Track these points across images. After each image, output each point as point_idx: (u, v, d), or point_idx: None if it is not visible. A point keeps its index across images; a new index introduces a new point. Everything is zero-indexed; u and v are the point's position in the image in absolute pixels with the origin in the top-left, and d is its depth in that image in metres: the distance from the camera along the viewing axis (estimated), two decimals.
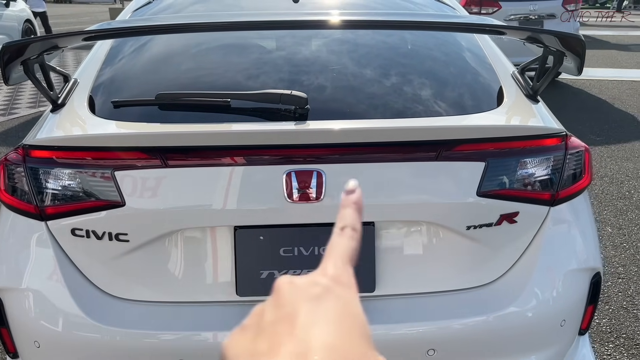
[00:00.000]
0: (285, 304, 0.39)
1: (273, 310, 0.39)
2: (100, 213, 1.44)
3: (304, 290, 0.40)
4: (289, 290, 0.40)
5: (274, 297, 0.41)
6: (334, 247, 0.45)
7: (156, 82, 1.67)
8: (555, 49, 1.52)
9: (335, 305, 0.39)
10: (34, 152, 1.48)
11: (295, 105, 1.48)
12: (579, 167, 1.60)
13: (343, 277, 0.42)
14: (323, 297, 0.39)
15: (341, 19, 1.54)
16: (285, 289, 0.40)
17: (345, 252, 0.44)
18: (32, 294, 1.49)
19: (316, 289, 0.40)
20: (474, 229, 1.49)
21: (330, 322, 0.37)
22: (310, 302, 0.39)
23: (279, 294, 0.40)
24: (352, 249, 0.45)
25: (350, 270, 0.43)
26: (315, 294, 0.39)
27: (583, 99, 7.16)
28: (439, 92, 1.66)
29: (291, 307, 0.39)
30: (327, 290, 0.40)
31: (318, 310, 0.38)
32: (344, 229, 0.45)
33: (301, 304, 0.39)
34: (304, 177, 1.42)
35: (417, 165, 1.46)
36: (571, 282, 1.58)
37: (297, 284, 0.41)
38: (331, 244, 0.45)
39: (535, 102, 1.67)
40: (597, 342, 2.48)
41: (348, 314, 0.39)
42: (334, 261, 0.43)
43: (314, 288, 0.40)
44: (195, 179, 1.42)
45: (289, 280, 0.41)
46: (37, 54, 1.48)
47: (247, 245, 1.46)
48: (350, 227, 0.46)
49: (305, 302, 0.39)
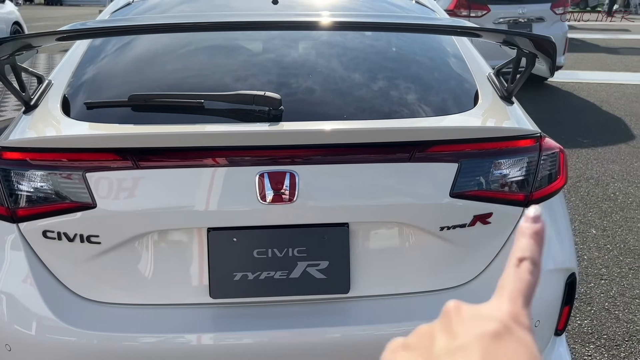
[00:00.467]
0: (459, 334, 0.36)
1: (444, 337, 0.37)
2: (71, 215, 1.43)
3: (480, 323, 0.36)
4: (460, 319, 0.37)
5: (443, 322, 0.38)
6: (510, 280, 0.40)
7: (131, 83, 1.67)
8: (528, 50, 1.53)
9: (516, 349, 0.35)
10: (6, 154, 1.47)
11: (268, 106, 1.48)
12: (553, 168, 1.61)
13: (521, 316, 0.38)
14: (502, 336, 0.36)
15: (319, 20, 1.54)
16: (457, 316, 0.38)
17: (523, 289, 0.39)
18: (4, 297, 1.48)
19: (493, 325, 0.36)
20: (448, 229, 1.50)
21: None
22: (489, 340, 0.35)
23: (449, 319, 0.38)
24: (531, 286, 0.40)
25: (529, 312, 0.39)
26: (493, 330, 0.36)
27: (571, 101, 7.21)
28: (413, 93, 1.66)
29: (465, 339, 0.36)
30: (507, 329, 0.36)
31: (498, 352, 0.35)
32: (522, 260, 0.41)
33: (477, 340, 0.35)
34: (277, 178, 1.41)
35: (390, 166, 1.46)
36: (546, 283, 1.59)
37: (468, 313, 0.38)
38: (506, 277, 0.40)
39: (510, 104, 1.68)
40: (579, 343, 2.49)
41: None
42: (511, 297, 0.39)
43: (490, 323, 0.36)
44: (167, 181, 1.42)
45: (458, 305, 0.39)
46: (8, 55, 1.47)
47: (221, 247, 1.46)
48: (530, 261, 0.41)
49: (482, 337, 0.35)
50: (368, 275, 1.51)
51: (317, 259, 1.48)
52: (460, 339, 0.36)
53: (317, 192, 1.44)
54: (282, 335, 1.44)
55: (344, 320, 1.49)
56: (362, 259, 1.51)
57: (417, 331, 0.39)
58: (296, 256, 1.47)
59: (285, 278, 1.47)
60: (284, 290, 1.48)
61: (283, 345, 1.44)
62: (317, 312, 1.49)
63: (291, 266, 1.47)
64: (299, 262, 1.47)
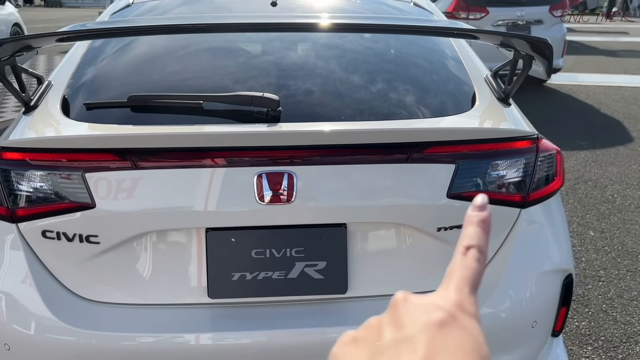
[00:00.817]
0: (405, 325, 0.36)
1: (392, 329, 0.37)
2: (70, 215, 1.43)
3: (425, 313, 0.37)
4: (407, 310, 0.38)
5: (391, 314, 0.38)
6: (457, 268, 0.40)
7: (130, 84, 1.68)
8: (525, 52, 1.54)
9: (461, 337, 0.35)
10: (6, 154, 1.47)
11: (267, 107, 1.49)
12: (550, 170, 1.62)
13: (467, 304, 0.38)
14: (447, 325, 0.36)
15: (317, 22, 1.55)
16: (404, 307, 0.38)
17: (470, 277, 0.40)
18: (3, 296, 1.48)
19: (438, 314, 0.37)
20: (445, 230, 1.50)
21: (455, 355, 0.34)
22: (434, 329, 0.36)
23: (396, 311, 0.38)
24: (478, 273, 0.40)
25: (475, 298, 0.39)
26: (439, 320, 0.36)
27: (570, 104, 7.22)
28: (411, 94, 1.67)
29: (412, 330, 0.36)
30: (452, 317, 0.37)
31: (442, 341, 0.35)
32: (469, 249, 0.41)
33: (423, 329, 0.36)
34: (275, 179, 1.42)
35: (388, 167, 1.47)
36: (543, 284, 1.60)
37: (415, 303, 0.38)
38: (453, 265, 0.41)
39: (507, 106, 1.69)
40: (576, 344, 2.49)
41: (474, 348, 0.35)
42: (458, 285, 0.39)
43: (436, 312, 0.37)
44: (166, 181, 1.43)
45: (405, 297, 0.39)
46: (8, 55, 1.48)
47: (219, 247, 1.46)
48: (477, 249, 0.41)
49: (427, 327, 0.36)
50: (365, 275, 1.52)
51: (315, 260, 1.48)
52: (406, 330, 0.36)
53: (315, 193, 1.45)
54: (280, 335, 1.45)
55: (341, 321, 1.49)
56: (360, 260, 1.52)
57: (366, 324, 0.39)
58: (294, 256, 1.48)
59: (283, 278, 1.48)
60: (282, 290, 1.49)
61: (281, 345, 1.45)
62: (314, 312, 1.50)
63: (289, 266, 1.48)
64: (297, 263, 1.48)
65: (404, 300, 0.39)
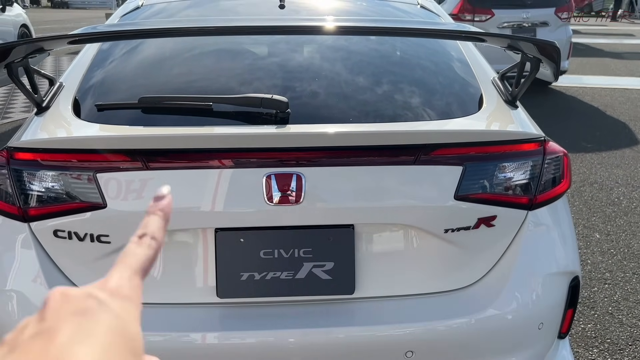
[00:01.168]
0: (48, 317, 0.35)
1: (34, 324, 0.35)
2: (82, 215, 1.45)
3: (75, 303, 0.36)
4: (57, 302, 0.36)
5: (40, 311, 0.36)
6: (127, 255, 0.41)
7: (140, 86, 1.70)
8: (532, 55, 1.55)
9: (106, 322, 0.35)
10: (18, 154, 1.49)
11: (276, 109, 1.50)
12: (557, 172, 1.63)
13: (125, 289, 0.38)
14: (93, 311, 0.35)
15: (325, 25, 1.56)
16: (55, 301, 0.36)
17: (137, 262, 0.40)
18: (14, 295, 1.50)
19: (89, 302, 0.36)
20: (452, 232, 1.51)
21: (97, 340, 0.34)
22: (78, 317, 0.35)
23: (46, 306, 0.36)
24: (147, 259, 0.41)
25: (137, 282, 0.39)
26: (85, 307, 0.35)
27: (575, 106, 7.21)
28: (419, 97, 1.68)
29: (54, 321, 0.34)
30: (100, 304, 0.36)
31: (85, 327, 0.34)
32: (142, 237, 0.42)
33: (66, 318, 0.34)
34: (283, 180, 1.43)
35: (395, 169, 1.48)
36: (549, 286, 1.60)
37: (69, 295, 0.37)
38: (125, 252, 0.41)
39: (514, 108, 1.70)
40: (582, 347, 2.49)
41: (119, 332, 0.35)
42: (121, 271, 0.40)
43: (86, 301, 0.36)
44: (176, 182, 1.44)
45: (62, 291, 0.37)
46: (22, 57, 1.50)
47: (228, 247, 1.48)
48: (150, 236, 0.42)
49: (71, 316, 0.35)
50: (373, 276, 1.53)
51: (322, 260, 1.49)
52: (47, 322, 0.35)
53: (323, 194, 1.46)
54: (288, 335, 1.46)
55: (348, 321, 1.50)
56: (367, 261, 1.53)
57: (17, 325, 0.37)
58: (302, 257, 1.49)
59: (291, 278, 1.49)
60: (290, 290, 1.50)
61: (288, 345, 1.46)
62: (322, 312, 1.51)
63: (297, 267, 1.49)
64: (305, 263, 1.49)
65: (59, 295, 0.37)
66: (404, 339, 1.48)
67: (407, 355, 1.48)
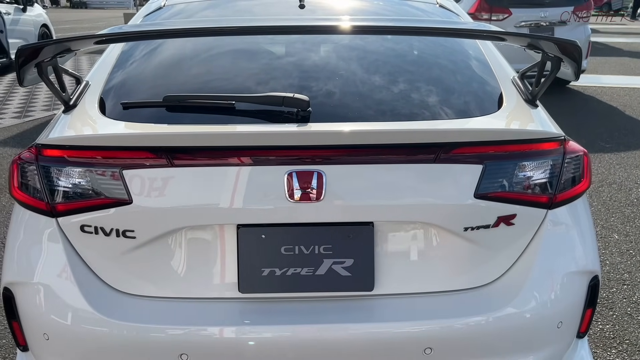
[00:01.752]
0: None
1: None
2: (108, 210, 1.49)
3: None
4: None
5: None
6: None
7: (164, 84, 1.73)
8: (553, 54, 1.55)
9: None
10: (46, 151, 1.53)
11: (297, 107, 1.52)
12: (577, 171, 1.63)
13: None
14: None
15: (344, 24, 1.58)
16: None
17: None
18: (42, 288, 1.54)
19: None
20: (472, 230, 1.52)
21: None
22: None
23: None
24: None
25: None
26: None
27: (594, 105, 7.14)
28: (439, 96, 1.69)
29: None
30: None
31: None
32: None
33: None
34: (304, 177, 1.46)
35: (416, 167, 1.49)
36: (569, 285, 1.60)
37: None
38: None
39: (534, 107, 1.70)
40: (600, 347, 2.48)
41: None
42: None
43: None
44: (200, 178, 1.47)
45: None
46: (51, 57, 1.54)
47: (250, 243, 1.50)
48: None
49: None
50: (392, 273, 1.55)
51: (342, 257, 1.51)
52: None
53: (344, 192, 1.48)
54: (308, 330, 1.48)
55: (368, 317, 1.52)
56: (387, 258, 1.54)
57: None
58: (322, 253, 1.51)
59: (312, 275, 1.51)
60: (310, 286, 1.52)
61: (308, 340, 1.48)
62: (341, 308, 1.53)
63: (317, 263, 1.51)
64: (325, 260, 1.51)
65: None
66: (423, 336, 1.49)
67: (426, 352, 1.50)
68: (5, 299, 1.61)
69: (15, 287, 1.58)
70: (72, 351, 1.53)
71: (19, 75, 1.47)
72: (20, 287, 1.57)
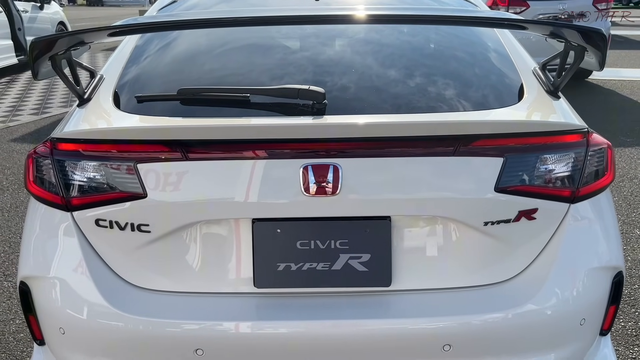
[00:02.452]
0: None
1: None
2: (123, 204, 1.48)
3: None
4: None
5: None
6: None
7: (179, 78, 1.72)
8: (577, 43, 1.50)
9: None
10: (61, 145, 1.53)
11: (313, 100, 1.50)
12: (601, 164, 1.58)
13: None
14: None
15: (359, 14, 1.55)
16: None
17: None
18: (58, 282, 1.54)
19: None
20: (492, 225, 1.49)
21: None
22: None
23: None
24: None
25: None
26: None
27: (614, 99, 7.01)
28: (458, 87, 1.65)
29: None
30: None
31: None
32: None
33: None
34: (320, 171, 1.43)
35: (434, 160, 1.46)
36: (592, 281, 1.56)
37: None
38: None
39: (556, 98, 1.66)
40: (622, 345, 2.43)
41: None
42: None
43: None
44: (214, 172, 1.45)
45: None
46: (64, 50, 1.53)
47: (265, 237, 1.49)
48: None
49: None
50: (410, 269, 1.52)
51: (359, 252, 1.49)
52: None
53: (360, 185, 1.45)
54: (324, 325, 1.46)
55: (385, 313, 1.49)
56: (404, 253, 1.51)
57: None
58: (338, 248, 1.48)
59: (328, 270, 1.49)
60: (326, 281, 1.50)
61: (325, 335, 1.46)
62: (358, 304, 1.50)
63: (333, 258, 1.49)
64: (341, 255, 1.49)
65: None
66: (442, 332, 1.46)
67: (445, 349, 1.47)
68: (22, 293, 1.61)
69: (32, 282, 1.58)
70: (87, 345, 1.53)
71: (33, 68, 1.47)
72: (36, 281, 1.58)
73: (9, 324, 2.65)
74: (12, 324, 2.65)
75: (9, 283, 3.01)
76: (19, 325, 2.64)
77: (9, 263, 3.23)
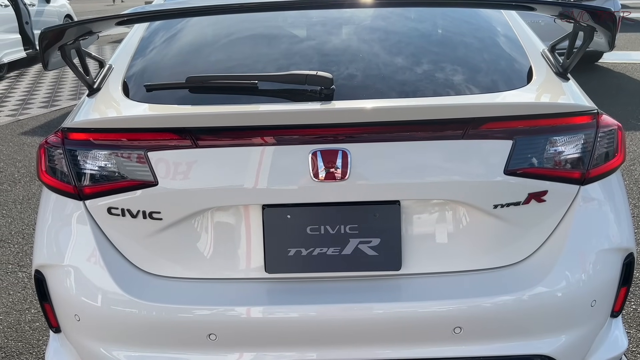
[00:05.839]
0: None
1: None
2: (134, 192, 1.49)
3: None
4: None
5: None
6: None
7: (187, 66, 1.72)
8: (586, 24, 1.49)
9: None
10: (72, 135, 1.54)
11: (320, 85, 1.50)
12: (611, 146, 1.57)
13: None
14: None
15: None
16: None
17: None
18: (72, 270, 1.56)
19: None
20: (502, 207, 1.49)
21: None
22: None
23: None
24: None
25: None
26: None
27: (624, 83, 6.93)
28: (466, 70, 1.65)
29: None
30: None
31: None
32: None
33: None
34: (329, 156, 1.44)
35: (443, 143, 1.46)
36: (602, 263, 1.56)
37: None
38: None
39: (566, 80, 1.65)
40: (634, 327, 2.42)
41: None
42: None
43: None
44: (224, 159, 1.46)
45: None
46: (73, 39, 1.54)
47: (275, 223, 1.50)
48: None
49: None
50: (420, 253, 1.52)
51: (368, 236, 1.50)
52: None
53: (369, 170, 1.45)
54: (336, 310, 1.47)
55: (395, 297, 1.50)
56: (414, 237, 1.52)
57: None
58: (348, 233, 1.49)
59: (338, 254, 1.50)
60: (337, 266, 1.51)
61: (336, 319, 1.47)
62: (369, 288, 1.51)
63: (343, 243, 1.50)
64: (351, 239, 1.50)
65: None
66: (452, 315, 1.47)
67: (455, 331, 1.48)
68: (37, 282, 1.64)
69: (46, 270, 1.61)
70: (102, 332, 1.56)
71: (43, 58, 1.48)
72: (50, 269, 1.60)
73: (24, 313, 2.70)
74: (27, 314, 2.69)
75: (24, 274, 3.06)
76: (35, 314, 2.68)
77: (23, 254, 3.27)
